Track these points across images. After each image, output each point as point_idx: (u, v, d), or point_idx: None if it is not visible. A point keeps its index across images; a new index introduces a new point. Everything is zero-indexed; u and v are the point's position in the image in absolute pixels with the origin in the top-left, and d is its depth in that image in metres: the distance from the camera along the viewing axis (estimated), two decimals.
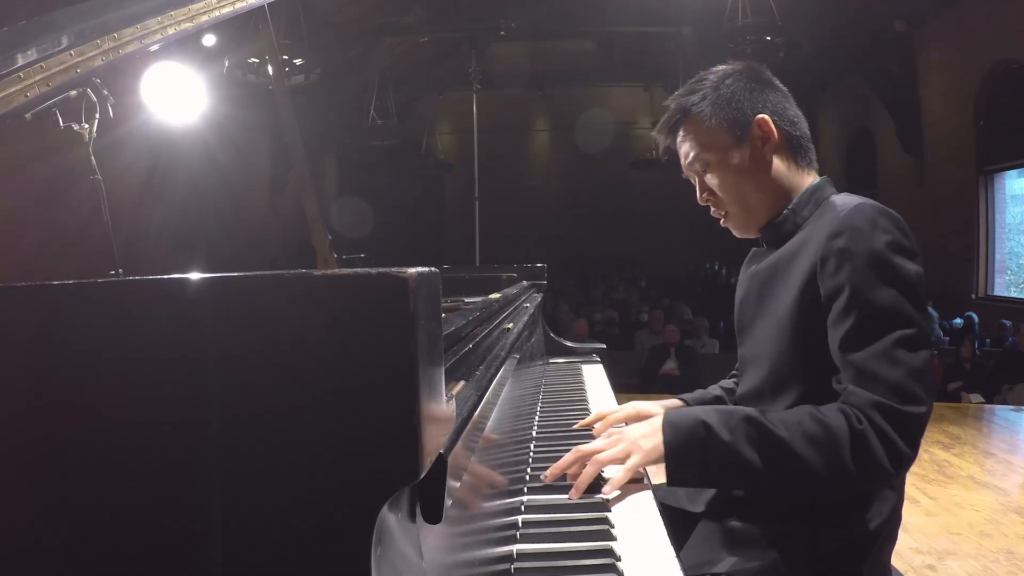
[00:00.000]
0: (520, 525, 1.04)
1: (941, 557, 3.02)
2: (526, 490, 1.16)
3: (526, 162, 16.75)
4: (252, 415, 0.44)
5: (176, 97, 1.88)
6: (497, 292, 1.77)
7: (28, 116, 1.07)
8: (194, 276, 0.45)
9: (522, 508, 1.10)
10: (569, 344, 2.59)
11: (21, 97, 1.01)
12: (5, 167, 1.30)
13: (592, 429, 1.45)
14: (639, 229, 15.53)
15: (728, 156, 1.27)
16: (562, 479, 1.17)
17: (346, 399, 0.44)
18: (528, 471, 1.25)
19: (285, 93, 2.56)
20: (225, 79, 7.56)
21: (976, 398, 6.53)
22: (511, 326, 1.44)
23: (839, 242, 1.12)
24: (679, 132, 1.32)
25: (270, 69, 3.06)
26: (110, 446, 0.45)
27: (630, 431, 1.17)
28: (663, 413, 1.18)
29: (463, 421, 0.67)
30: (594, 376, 2.24)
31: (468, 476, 0.70)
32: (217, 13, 1.38)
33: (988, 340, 8.02)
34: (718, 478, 1.15)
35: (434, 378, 0.48)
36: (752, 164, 1.27)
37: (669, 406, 1.44)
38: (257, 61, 7.55)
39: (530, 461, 1.32)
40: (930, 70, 10.35)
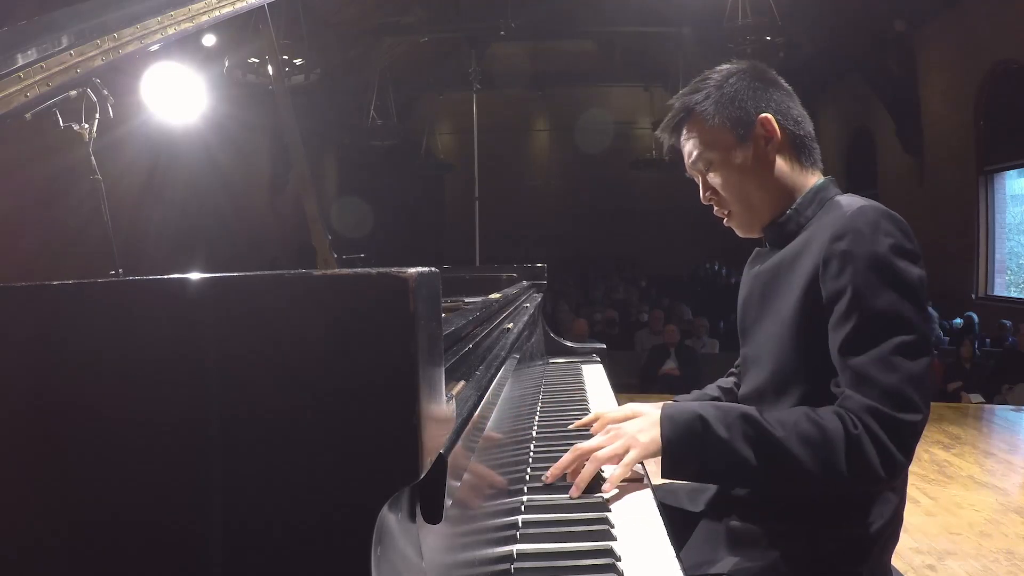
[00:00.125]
0: (520, 525, 1.04)
1: (941, 557, 3.02)
2: (526, 490, 1.16)
3: (526, 162, 16.75)
4: (252, 415, 0.44)
5: (176, 97, 1.88)
6: (497, 292, 1.77)
7: (28, 116, 1.07)
8: (194, 276, 0.45)
9: (522, 508, 1.10)
10: (569, 344, 2.59)
11: (21, 97, 1.01)
12: (5, 167, 1.30)
13: (590, 429, 1.45)
14: (639, 229, 15.53)
15: (731, 155, 1.27)
16: (562, 479, 1.17)
17: (346, 399, 0.44)
18: (528, 471, 1.25)
19: (285, 93, 2.56)
20: (225, 79, 7.56)
21: (976, 398, 6.54)
22: (511, 326, 1.44)
23: (841, 244, 1.11)
24: (683, 131, 1.32)
25: (270, 69, 3.06)
26: (110, 446, 0.45)
27: (628, 426, 1.17)
28: (661, 407, 1.18)
29: (463, 421, 0.67)
30: (594, 376, 2.24)
31: (468, 476, 0.70)
32: (217, 13, 1.38)
33: (988, 340, 8.02)
34: (713, 473, 1.17)
35: (434, 378, 0.48)
36: (755, 163, 1.26)
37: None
38: (257, 61, 7.55)
39: (530, 461, 1.32)
40: (930, 70, 10.35)
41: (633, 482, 1.18)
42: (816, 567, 1.15)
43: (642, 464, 1.19)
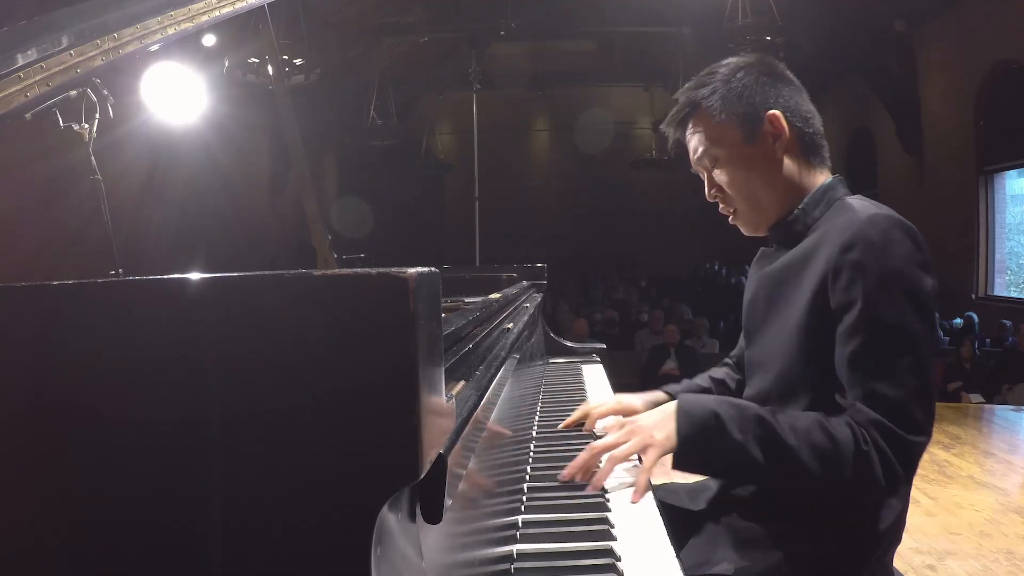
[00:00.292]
0: (520, 525, 1.04)
1: (941, 557, 3.02)
2: (526, 489, 1.16)
3: (526, 162, 16.75)
4: (252, 415, 0.44)
5: (176, 97, 1.88)
6: (497, 292, 1.77)
7: (28, 116, 1.07)
8: (194, 276, 0.45)
9: (522, 508, 1.10)
10: (569, 344, 2.59)
11: (21, 97, 1.01)
12: (5, 167, 1.30)
13: (583, 427, 1.45)
14: (639, 229, 15.53)
15: (738, 152, 1.24)
16: (557, 479, 1.18)
17: (346, 399, 0.44)
18: (528, 471, 1.25)
19: (285, 93, 2.56)
20: (225, 79, 7.56)
21: (976, 398, 6.53)
22: (511, 326, 1.44)
23: (852, 255, 1.09)
24: (688, 126, 1.30)
25: (270, 69, 3.06)
26: (110, 446, 0.45)
27: (642, 420, 1.17)
28: (677, 400, 1.17)
29: (463, 421, 0.67)
30: (594, 376, 2.24)
31: (468, 476, 0.70)
32: (217, 13, 1.38)
33: (988, 340, 8.02)
34: (723, 470, 1.19)
35: (434, 378, 0.48)
36: (762, 161, 1.24)
37: (652, 400, 1.44)
38: (257, 61, 7.55)
39: (530, 461, 1.32)
40: (930, 70, 10.35)
41: (631, 474, 1.18)
42: (817, 567, 1.15)
43: (638, 457, 1.19)
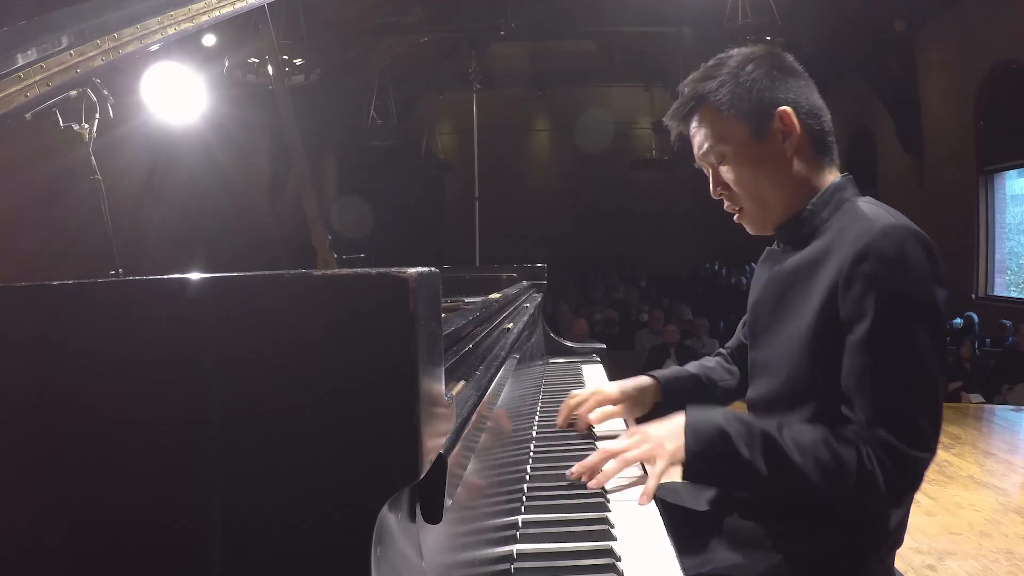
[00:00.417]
0: (520, 525, 1.04)
1: (941, 557, 3.02)
2: (526, 489, 1.17)
3: (526, 162, 16.74)
4: (252, 415, 0.44)
5: (176, 97, 1.88)
6: (497, 292, 1.77)
7: (28, 116, 1.07)
8: (194, 276, 0.45)
9: (522, 508, 1.10)
10: (569, 344, 2.59)
11: (21, 97, 1.01)
12: (5, 167, 1.30)
13: (577, 424, 1.47)
14: (639, 229, 15.53)
15: (746, 149, 1.21)
16: (566, 477, 1.18)
17: (346, 399, 0.44)
18: (528, 471, 1.25)
19: (285, 93, 2.56)
20: (225, 79, 7.56)
21: (976, 398, 6.53)
22: (511, 326, 1.44)
23: (865, 268, 1.06)
24: (693, 120, 1.25)
25: (270, 69, 3.06)
26: (110, 446, 0.45)
27: (653, 431, 1.17)
28: (685, 415, 1.16)
29: (463, 421, 0.67)
30: (594, 376, 2.24)
31: (468, 476, 0.70)
32: (217, 13, 1.38)
33: (988, 340, 8.02)
34: (730, 485, 1.20)
35: (434, 378, 0.48)
36: (771, 159, 1.20)
37: (634, 385, 1.46)
38: (257, 61, 7.54)
39: (530, 461, 1.32)
40: (930, 70, 10.35)
41: (634, 482, 1.18)
42: (817, 567, 1.14)
43: (641, 463, 1.19)
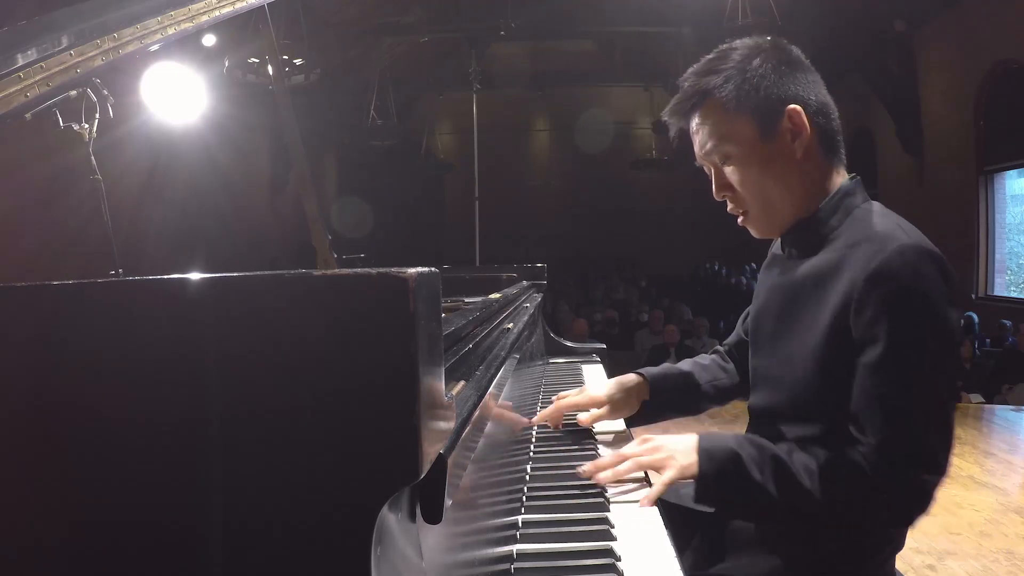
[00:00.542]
0: (520, 525, 1.04)
1: (941, 557, 3.02)
2: (526, 490, 1.17)
3: (526, 162, 16.74)
4: (252, 415, 0.44)
5: (176, 97, 1.88)
6: (497, 292, 1.77)
7: (28, 116, 1.07)
8: (194, 276, 0.45)
9: (522, 508, 1.10)
10: (569, 344, 2.59)
11: (21, 97, 1.01)
12: (5, 167, 1.30)
13: (576, 420, 1.46)
14: (639, 229, 15.52)
15: (752, 149, 1.15)
16: (568, 476, 1.18)
17: (346, 399, 0.44)
18: (528, 471, 1.25)
19: (285, 93, 2.56)
20: (225, 79, 7.56)
21: (976, 398, 6.53)
22: (511, 326, 1.44)
23: (879, 291, 1.03)
24: (695, 116, 1.19)
25: (270, 69, 3.06)
26: (110, 446, 0.45)
27: (669, 443, 1.15)
28: (699, 437, 1.14)
29: (463, 421, 0.67)
30: (594, 376, 2.24)
31: (468, 476, 0.70)
32: (217, 13, 1.38)
33: (988, 340, 8.02)
34: (739, 507, 1.16)
35: (434, 378, 0.48)
36: (779, 160, 1.14)
37: (623, 383, 1.44)
38: (257, 61, 7.55)
39: (530, 461, 1.32)
40: (930, 70, 10.34)
41: (634, 482, 1.18)
42: (817, 567, 1.14)
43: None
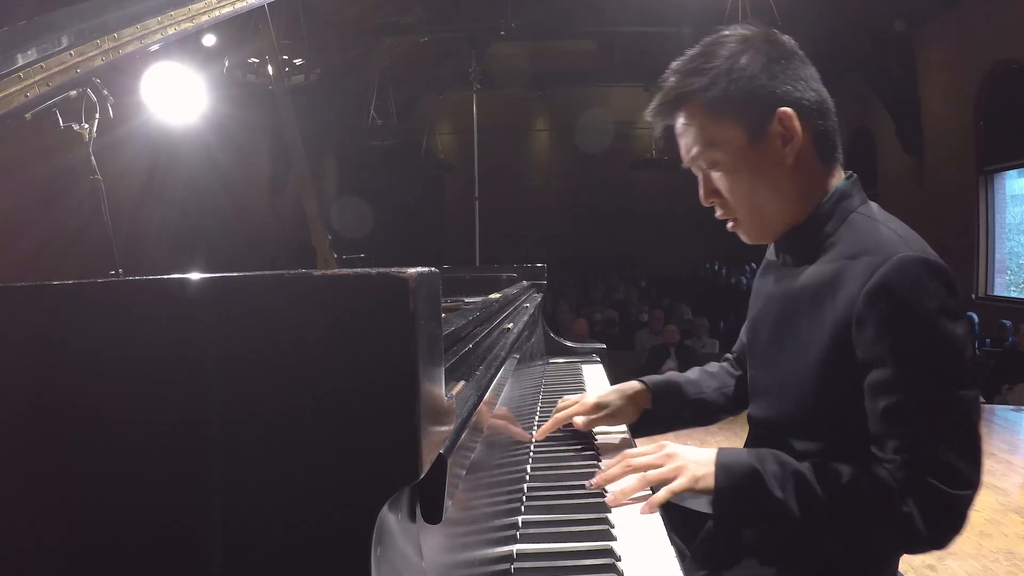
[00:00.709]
0: (520, 525, 1.04)
1: (941, 557, 3.02)
2: (526, 490, 1.16)
3: (526, 162, 16.74)
4: (252, 415, 0.44)
5: (176, 97, 1.88)
6: (497, 292, 1.77)
7: (28, 116, 1.07)
8: (194, 276, 0.45)
9: (522, 508, 1.10)
10: (569, 344, 2.59)
11: (21, 97, 1.01)
12: (5, 167, 1.30)
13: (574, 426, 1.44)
14: (639, 229, 15.53)
15: (741, 156, 1.09)
16: (568, 477, 1.17)
17: (346, 399, 0.44)
18: (528, 471, 1.25)
19: (285, 93, 2.56)
20: (225, 79, 7.56)
21: None
22: (511, 326, 1.44)
23: (879, 309, 0.99)
24: (680, 117, 1.13)
25: (270, 69, 3.06)
26: (110, 446, 0.45)
27: (684, 452, 1.10)
28: (717, 452, 1.09)
29: (463, 421, 0.67)
30: (594, 376, 2.24)
31: (468, 476, 0.70)
32: (217, 13, 1.38)
33: (988, 340, 8.02)
34: (760, 524, 1.12)
35: (434, 378, 0.48)
36: (769, 166, 1.09)
37: (624, 390, 1.41)
38: (257, 61, 7.55)
39: (530, 461, 1.32)
40: (930, 70, 10.35)
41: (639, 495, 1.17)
42: (818, 568, 1.14)
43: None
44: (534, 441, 1.43)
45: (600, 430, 1.47)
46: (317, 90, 9.36)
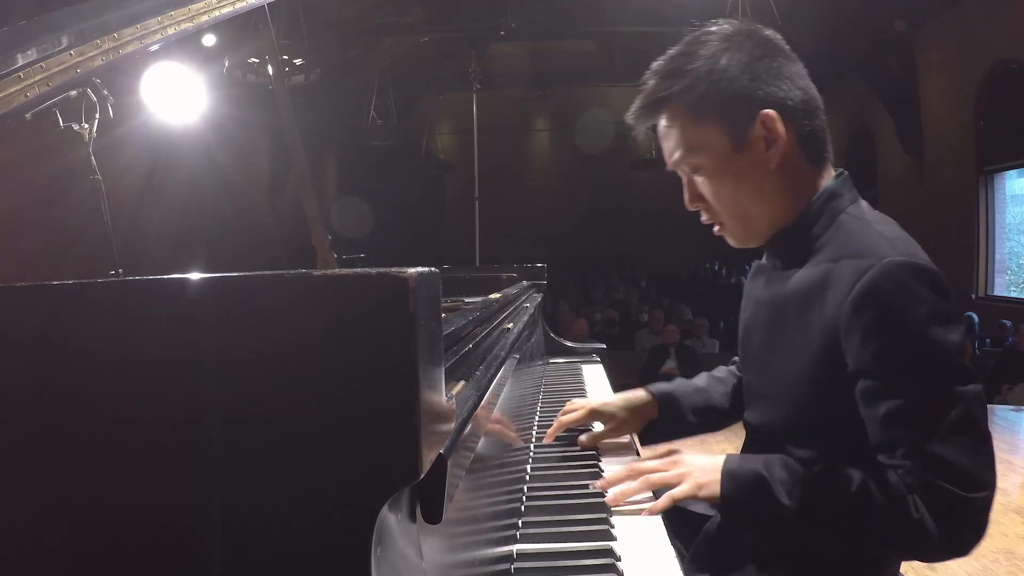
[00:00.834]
0: (520, 525, 1.04)
1: None
2: (526, 490, 1.16)
3: (526, 162, 16.74)
4: (252, 415, 0.44)
5: (176, 97, 1.88)
6: (497, 292, 1.77)
7: (28, 116, 1.08)
8: (194, 276, 0.45)
9: (522, 508, 1.10)
10: (569, 344, 2.59)
11: (21, 97, 1.01)
12: (5, 167, 1.30)
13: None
14: (639, 229, 15.53)
15: (723, 161, 1.07)
16: (569, 477, 1.17)
17: (346, 399, 0.44)
18: (528, 471, 1.25)
19: (285, 93, 2.56)
20: (225, 79, 7.56)
21: None
22: (511, 326, 1.44)
23: (866, 317, 0.96)
24: (661, 120, 1.11)
25: (270, 69, 3.06)
26: (110, 446, 0.45)
27: (691, 459, 1.09)
28: (725, 459, 1.06)
29: (463, 421, 0.67)
30: (594, 376, 2.24)
31: (468, 476, 0.70)
32: (217, 13, 1.38)
33: (988, 340, 8.03)
34: (765, 529, 1.09)
35: (434, 378, 0.48)
36: (753, 170, 1.06)
37: (629, 399, 1.39)
38: (257, 61, 7.55)
39: (530, 461, 1.32)
40: (930, 70, 10.35)
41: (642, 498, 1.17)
42: (818, 567, 1.14)
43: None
44: (534, 443, 1.43)
45: (597, 428, 1.47)
46: (317, 90, 9.36)
